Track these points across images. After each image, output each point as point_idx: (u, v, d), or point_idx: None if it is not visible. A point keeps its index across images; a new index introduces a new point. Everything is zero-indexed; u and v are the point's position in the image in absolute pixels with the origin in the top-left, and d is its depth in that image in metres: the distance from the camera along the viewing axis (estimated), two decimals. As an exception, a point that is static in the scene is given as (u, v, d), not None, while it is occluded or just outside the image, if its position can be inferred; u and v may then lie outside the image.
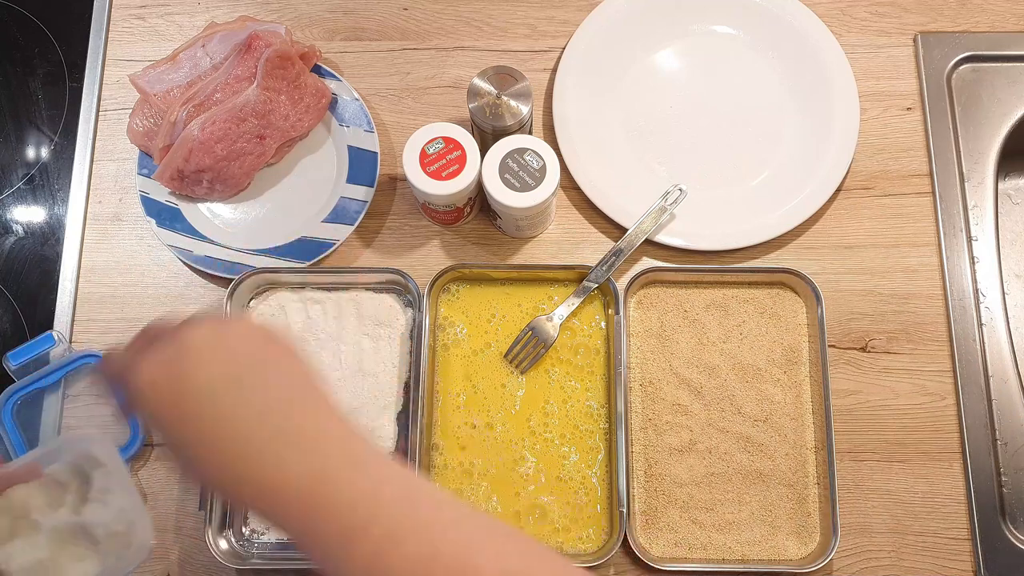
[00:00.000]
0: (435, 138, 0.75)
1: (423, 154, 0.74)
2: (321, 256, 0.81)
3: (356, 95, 0.85)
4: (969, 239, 0.83)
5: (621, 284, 0.80)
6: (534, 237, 0.84)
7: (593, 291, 0.79)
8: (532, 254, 0.84)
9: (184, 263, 0.83)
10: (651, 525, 0.76)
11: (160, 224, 0.83)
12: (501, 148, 0.75)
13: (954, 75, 0.88)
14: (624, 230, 0.81)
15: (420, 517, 0.40)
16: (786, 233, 0.82)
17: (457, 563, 0.38)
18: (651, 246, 0.82)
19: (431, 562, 0.38)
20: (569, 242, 0.84)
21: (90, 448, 0.66)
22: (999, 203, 0.86)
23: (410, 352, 0.79)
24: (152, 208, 0.83)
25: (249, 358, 0.43)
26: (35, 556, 0.63)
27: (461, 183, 0.74)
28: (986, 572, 0.74)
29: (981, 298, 0.81)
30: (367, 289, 0.81)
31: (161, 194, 0.83)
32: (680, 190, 0.81)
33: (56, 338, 0.78)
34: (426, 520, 0.40)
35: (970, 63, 0.88)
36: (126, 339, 0.80)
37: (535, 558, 0.41)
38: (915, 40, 0.89)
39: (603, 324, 0.80)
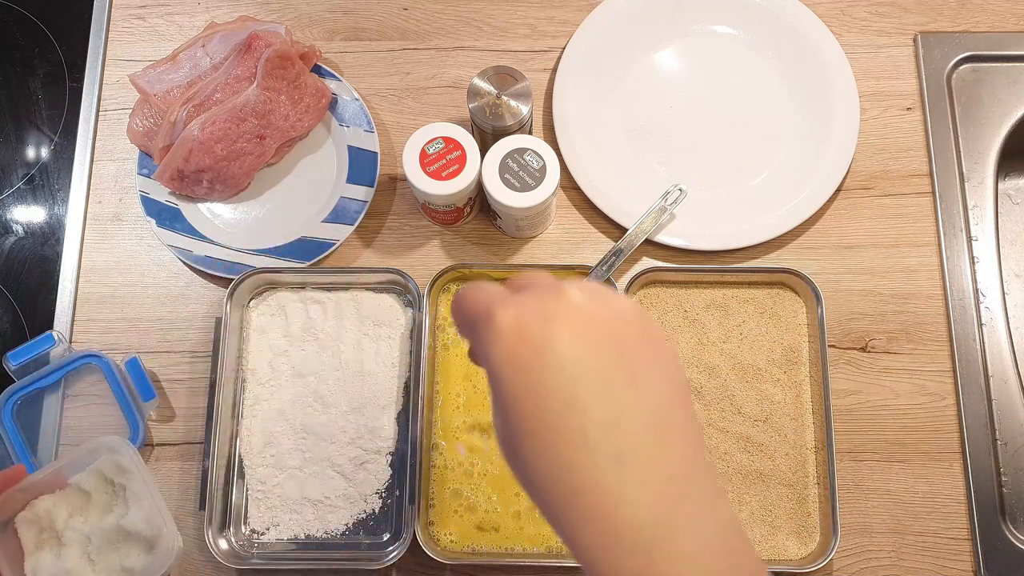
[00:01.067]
0: (435, 138, 0.75)
1: (423, 154, 0.74)
2: (321, 256, 0.81)
3: (356, 95, 0.85)
4: (969, 239, 0.83)
5: (621, 284, 0.80)
6: (534, 237, 0.84)
7: (593, 291, 0.79)
8: (532, 254, 0.84)
9: (184, 263, 0.83)
10: (651, 525, 0.75)
11: (160, 224, 0.83)
12: (501, 148, 0.75)
13: (954, 75, 0.88)
14: (624, 230, 0.81)
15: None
16: (786, 233, 0.82)
17: None
18: (651, 246, 0.82)
19: None
20: (569, 242, 0.84)
21: (114, 455, 0.66)
22: (999, 203, 0.86)
23: (410, 352, 0.79)
24: (152, 208, 0.83)
25: (626, 351, 0.35)
26: (62, 566, 0.63)
27: (461, 183, 0.74)
28: (986, 572, 0.74)
29: (981, 298, 0.81)
30: (367, 289, 0.81)
31: (161, 194, 0.83)
32: (680, 190, 0.81)
33: (56, 338, 0.78)
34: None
35: (970, 63, 0.88)
36: (126, 340, 0.82)
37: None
38: (915, 40, 0.89)
39: (603, 324, 0.80)
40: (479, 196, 0.81)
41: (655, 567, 0.31)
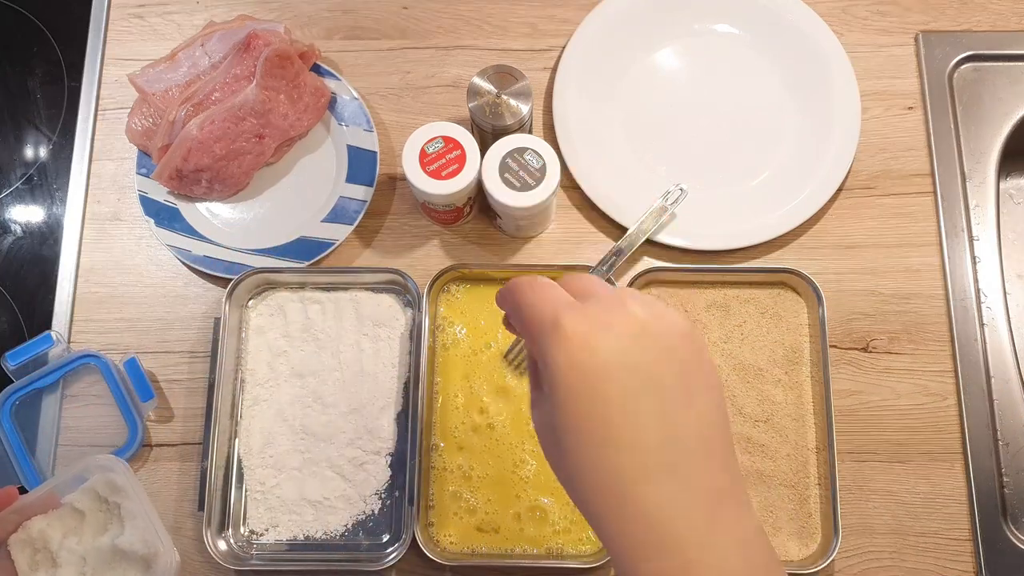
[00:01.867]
0: (435, 137, 0.74)
1: (423, 153, 0.74)
2: (320, 256, 0.81)
3: (355, 94, 0.85)
4: (971, 239, 0.83)
5: (621, 284, 0.80)
6: (534, 237, 0.84)
7: (593, 291, 0.79)
8: (532, 254, 0.84)
9: (183, 263, 0.83)
10: (652, 526, 0.75)
11: (159, 224, 0.82)
12: (501, 147, 0.75)
13: (955, 74, 0.88)
14: (624, 230, 0.81)
15: None
16: (787, 233, 0.82)
17: None
18: (652, 246, 0.82)
19: None
20: (569, 242, 0.84)
21: (107, 473, 0.65)
22: (1001, 203, 0.85)
23: (410, 352, 0.79)
24: (151, 208, 0.83)
25: (689, 367, 0.37)
26: None
27: (461, 183, 0.74)
28: (987, 573, 0.74)
29: (983, 298, 0.81)
30: (366, 289, 0.81)
31: (160, 194, 0.83)
32: (681, 189, 0.81)
33: (54, 338, 0.78)
34: None
35: (972, 62, 0.88)
36: (124, 340, 0.81)
37: None
38: (916, 39, 0.89)
39: (603, 324, 0.80)
40: (479, 196, 0.80)
41: (693, 572, 0.34)
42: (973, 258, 0.82)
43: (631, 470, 0.35)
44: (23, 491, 0.74)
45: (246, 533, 0.76)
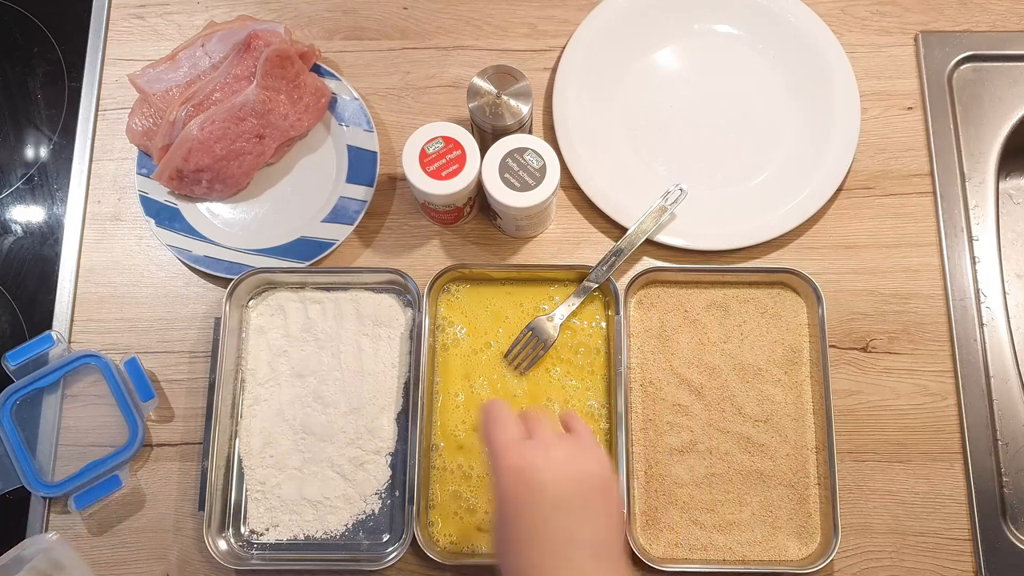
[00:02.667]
0: (435, 137, 0.75)
1: (423, 153, 0.74)
2: (321, 256, 0.81)
3: (355, 94, 0.85)
4: (970, 239, 0.83)
5: (621, 284, 0.80)
6: (534, 237, 0.84)
7: (593, 291, 0.79)
8: (532, 254, 0.84)
9: (183, 263, 0.83)
10: (651, 525, 0.75)
11: (159, 224, 0.82)
12: (501, 148, 0.75)
13: (955, 74, 0.88)
14: (624, 230, 0.81)
15: None
16: (787, 233, 0.82)
17: None
18: (651, 246, 0.82)
19: None
20: (569, 242, 0.84)
21: (51, 552, 0.65)
22: (1000, 203, 0.85)
23: (410, 352, 0.79)
24: (151, 208, 0.83)
25: (590, 496, 0.54)
26: None
27: (461, 183, 0.74)
28: (987, 572, 0.74)
29: (982, 298, 0.81)
30: (367, 289, 0.81)
31: (160, 194, 0.83)
32: (680, 190, 0.81)
33: (55, 338, 0.78)
34: None
35: (971, 62, 0.88)
36: (125, 340, 0.81)
37: None
38: (916, 39, 0.89)
39: (603, 324, 0.80)
40: (479, 196, 0.80)
41: None
42: (972, 258, 0.82)
43: (539, 558, 0.52)
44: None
45: (246, 533, 0.76)
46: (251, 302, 0.81)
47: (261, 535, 0.76)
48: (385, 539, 0.76)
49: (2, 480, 0.76)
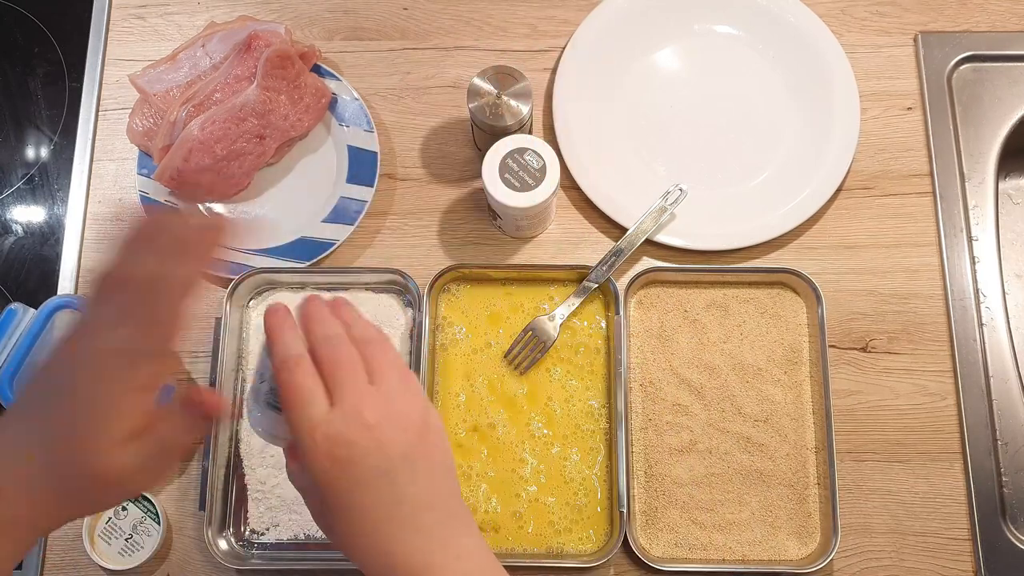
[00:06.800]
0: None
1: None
2: (321, 256, 0.81)
3: (356, 95, 0.85)
4: (970, 239, 0.83)
5: (621, 284, 0.80)
6: (534, 237, 0.84)
7: (593, 291, 0.79)
8: (532, 254, 0.84)
9: (184, 263, 0.83)
10: (651, 525, 0.75)
11: (160, 224, 0.82)
12: (501, 148, 0.75)
13: (955, 75, 0.88)
14: (624, 230, 0.81)
15: None
16: (787, 233, 0.82)
17: None
18: (651, 246, 0.82)
19: None
20: (569, 242, 0.84)
21: None
22: (999, 203, 0.85)
23: (410, 352, 0.79)
24: (152, 208, 0.83)
25: (411, 449, 0.50)
26: None
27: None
28: (986, 572, 0.74)
29: (982, 298, 0.81)
30: (367, 289, 0.81)
31: (161, 194, 0.83)
32: (680, 190, 0.81)
33: (17, 309, 0.77)
34: None
35: (971, 63, 0.88)
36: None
37: None
38: (916, 40, 0.89)
39: (603, 324, 0.80)
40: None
41: None
42: (972, 258, 0.82)
43: (372, 524, 0.49)
44: None
45: (247, 532, 0.76)
46: (251, 302, 0.81)
47: (261, 535, 0.76)
48: (385, 539, 0.76)
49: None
